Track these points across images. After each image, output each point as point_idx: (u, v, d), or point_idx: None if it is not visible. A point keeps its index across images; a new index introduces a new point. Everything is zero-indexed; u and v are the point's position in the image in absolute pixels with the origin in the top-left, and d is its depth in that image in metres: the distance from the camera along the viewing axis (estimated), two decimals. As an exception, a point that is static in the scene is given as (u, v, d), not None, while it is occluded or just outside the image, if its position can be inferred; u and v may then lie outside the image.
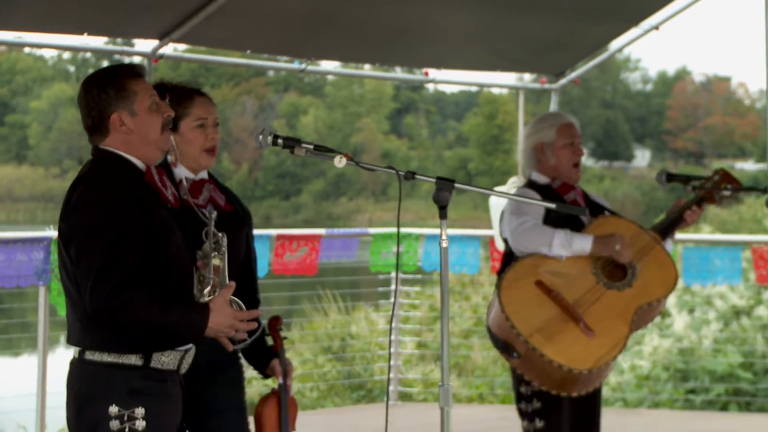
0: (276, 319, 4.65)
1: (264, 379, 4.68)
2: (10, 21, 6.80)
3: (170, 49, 7.49)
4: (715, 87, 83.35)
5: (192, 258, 3.94)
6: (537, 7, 7.56)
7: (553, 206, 4.06)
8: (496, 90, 64.96)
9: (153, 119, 3.82)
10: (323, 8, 7.11)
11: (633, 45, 8.59)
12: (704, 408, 11.36)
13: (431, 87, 39.28)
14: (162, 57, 7.49)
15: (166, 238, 3.77)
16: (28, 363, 10.27)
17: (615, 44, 8.57)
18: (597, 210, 5.38)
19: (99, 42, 7.59)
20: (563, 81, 8.83)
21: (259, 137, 3.91)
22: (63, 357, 4.09)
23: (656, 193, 54.40)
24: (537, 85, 9.01)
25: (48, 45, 7.83)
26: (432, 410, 9.19)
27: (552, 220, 5.13)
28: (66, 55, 75.54)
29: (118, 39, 7.67)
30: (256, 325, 3.88)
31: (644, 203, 55.50)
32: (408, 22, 7.60)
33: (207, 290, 3.88)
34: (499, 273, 5.20)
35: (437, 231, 3.62)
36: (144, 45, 7.44)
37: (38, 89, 71.74)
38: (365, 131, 70.37)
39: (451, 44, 8.19)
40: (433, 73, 8.82)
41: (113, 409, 3.63)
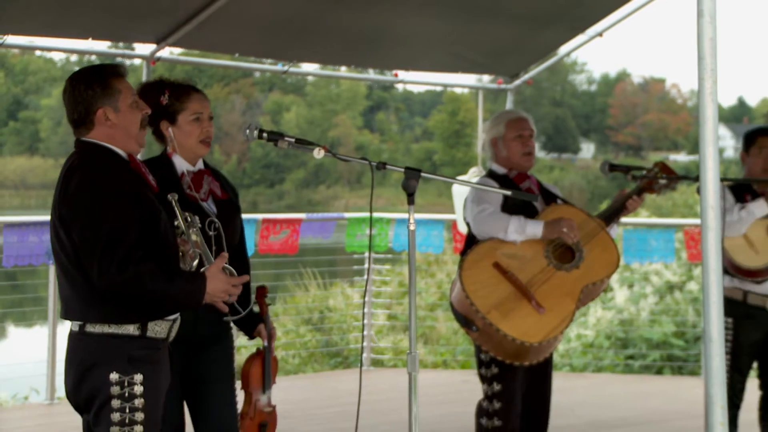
0: (262, 288, 4.67)
1: (250, 341, 4.67)
2: (24, 27, 6.78)
3: (166, 53, 7.45)
4: (652, 87, 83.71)
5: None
6: (494, 16, 7.57)
7: (509, 193, 4.13)
8: (458, 89, 65.13)
9: (134, 115, 3.79)
10: (304, 16, 7.09)
11: (579, 50, 8.60)
12: (641, 372, 11.43)
13: (400, 87, 39.36)
14: (159, 59, 7.45)
15: (156, 219, 3.76)
16: (40, 333, 10.23)
17: (563, 49, 8.57)
18: (550, 198, 5.38)
19: (103, 46, 7.56)
20: (517, 82, 8.83)
21: (247, 131, 3.89)
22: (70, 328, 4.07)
23: (600, 182, 54.64)
24: (494, 86, 9.01)
25: (57, 48, 7.81)
26: (401, 375, 9.20)
27: (509, 207, 5.13)
28: (73, 58, 74.62)
29: (120, 43, 7.60)
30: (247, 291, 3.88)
31: (589, 191, 55.72)
32: (379, 29, 7.60)
33: (195, 263, 3.88)
34: (462, 254, 5.21)
35: (406, 215, 3.61)
36: (143, 48, 7.41)
37: (48, 88, 71.40)
38: (341, 126, 70.40)
39: (418, 49, 8.18)
40: (402, 75, 8.82)
41: (114, 376, 3.61)
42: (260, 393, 4.63)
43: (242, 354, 8.94)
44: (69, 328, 3.76)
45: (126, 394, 3.63)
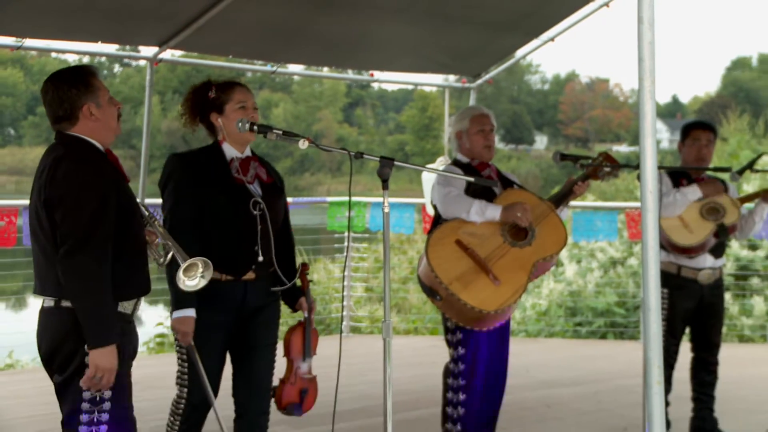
0: (304, 266, 4.62)
1: (293, 313, 4.65)
2: (40, 31, 6.74)
3: (168, 55, 7.41)
4: (597, 87, 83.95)
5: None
6: (459, 23, 7.57)
7: (472, 179, 4.15)
8: (427, 88, 64.66)
9: (112, 110, 3.78)
10: (290, 23, 7.07)
11: (534, 53, 8.55)
12: (588, 337, 11.46)
13: (376, 86, 39.08)
14: (161, 61, 7.42)
15: (133, 205, 3.78)
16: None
17: (520, 52, 8.57)
18: (507, 183, 5.39)
19: (111, 48, 7.48)
20: (479, 81, 8.83)
21: (239, 125, 3.88)
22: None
23: (552, 170, 54.69)
24: (459, 85, 9.00)
25: (70, 50, 7.74)
26: (377, 341, 9.21)
27: (472, 191, 5.14)
28: (85, 59, 74.48)
29: (126, 46, 7.53)
30: None
31: (542, 178, 55.77)
32: (357, 34, 7.58)
33: (168, 257, 3.86)
34: (428, 233, 5.22)
35: (381, 199, 3.61)
36: (147, 51, 7.37)
37: (62, 86, 70.75)
38: (324, 121, 70.28)
39: (392, 51, 8.17)
40: (378, 74, 8.80)
41: (87, 346, 3.56)
42: (301, 361, 4.58)
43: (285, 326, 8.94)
44: (42, 304, 3.70)
45: None
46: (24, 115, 67.85)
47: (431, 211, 5.45)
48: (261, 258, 4.31)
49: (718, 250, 6.07)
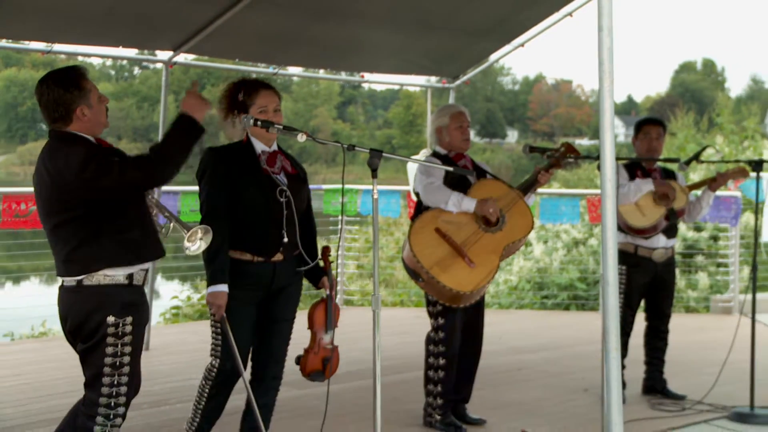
0: (326, 248, 4.57)
1: (317, 290, 4.61)
2: (68, 37, 6.71)
3: (181, 58, 7.37)
4: (562, 87, 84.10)
5: None
6: (440, 30, 7.58)
7: (451, 169, 4.17)
8: (412, 88, 64.56)
9: (102, 107, 3.72)
10: (290, 30, 7.05)
11: (506, 57, 8.58)
12: (553, 309, 11.50)
13: (366, 86, 38.97)
14: (175, 64, 7.38)
15: None
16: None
17: (493, 56, 8.56)
18: (481, 172, 5.38)
19: (131, 52, 7.44)
20: (458, 82, 8.80)
21: (244, 120, 3.86)
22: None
23: (522, 161, 54.76)
24: (440, 85, 8.97)
25: (95, 54, 7.72)
26: (367, 312, 9.21)
27: (450, 180, 5.13)
28: (108, 62, 74.56)
29: (144, 50, 7.50)
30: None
31: (513, 168, 55.80)
32: (350, 40, 7.56)
33: (171, 226, 3.86)
34: (412, 219, 5.21)
35: (370, 187, 3.59)
36: (163, 55, 7.33)
37: (88, 86, 70.39)
38: (320, 117, 70.11)
39: (380, 55, 8.15)
40: (368, 76, 8.76)
41: (111, 319, 3.57)
42: (323, 333, 4.53)
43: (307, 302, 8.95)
44: (62, 284, 3.67)
45: (119, 333, 3.60)
46: (54, 112, 67.54)
47: (416, 198, 5.44)
48: (286, 239, 4.29)
49: (671, 232, 6.08)
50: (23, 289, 14.93)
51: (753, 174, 5.92)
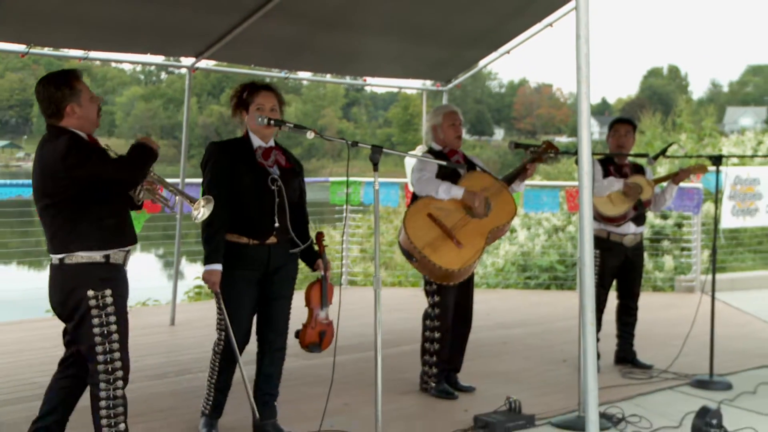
0: (320, 234, 4.58)
1: (313, 272, 4.59)
2: (102, 45, 6.69)
3: (203, 64, 7.35)
4: (543, 90, 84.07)
5: None
6: (434, 39, 7.57)
7: (444, 163, 4.23)
8: (409, 91, 64.32)
9: (92, 106, 3.69)
10: (300, 39, 7.03)
11: (493, 63, 8.53)
12: (535, 288, 11.49)
13: (368, 89, 39.07)
14: (197, 69, 7.37)
15: None
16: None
17: (482, 62, 8.53)
18: (472, 165, 5.36)
19: (158, 59, 7.40)
20: (450, 85, 8.79)
21: (260, 119, 3.85)
22: (137, 258, 4.04)
23: (507, 156, 54.58)
24: (434, 88, 8.96)
25: (126, 60, 7.67)
26: (369, 291, 9.21)
27: (443, 173, 5.12)
28: (138, 68, 74.50)
29: (170, 57, 7.47)
30: None
31: (500, 162, 55.66)
32: (354, 48, 7.54)
33: (177, 198, 3.90)
34: (408, 207, 5.21)
35: (372, 179, 3.59)
36: (186, 61, 7.30)
37: (121, 89, 70.82)
38: (327, 117, 70.14)
39: (381, 62, 8.13)
40: (370, 80, 8.75)
41: (90, 293, 3.56)
42: (319, 309, 4.52)
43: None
44: (50, 262, 3.66)
45: (101, 305, 3.58)
46: (91, 113, 68.02)
47: (412, 189, 5.42)
48: (277, 224, 4.28)
49: (640, 220, 6.08)
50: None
51: (713, 168, 5.91)
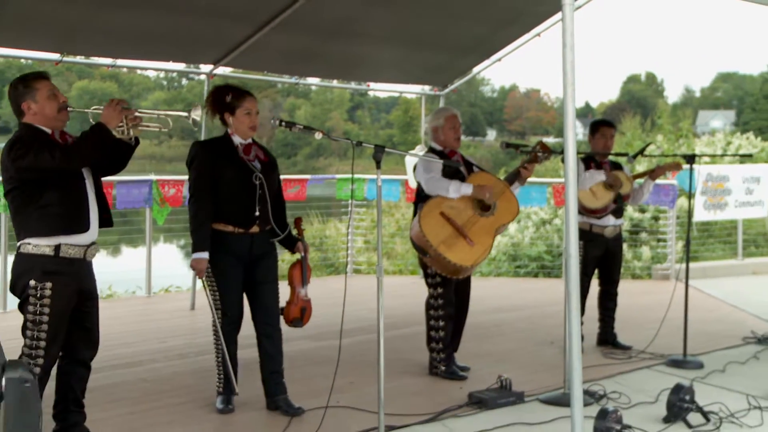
0: (298, 219, 4.63)
1: (292, 255, 4.60)
2: (129, 53, 6.71)
3: (220, 70, 7.34)
4: (532, 95, 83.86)
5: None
6: (432, 47, 7.56)
7: (443, 162, 4.20)
8: (409, 95, 64.25)
9: (51, 103, 3.61)
10: (309, 47, 7.02)
11: (486, 70, 8.53)
12: (525, 276, 11.47)
13: (371, 93, 38.97)
14: (215, 75, 7.35)
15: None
16: (141, 252, 10.16)
17: (476, 69, 8.50)
18: (469, 166, 5.33)
19: (179, 66, 7.39)
20: (446, 90, 8.78)
21: (272, 122, 3.83)
22: (161, 248, 4.04)
23: (499, 156, 54.42)
24: (432, 92, 8.94)
25: (150, 67, 7.73)
26: (372, 279, 9.22)
27: (445, 173, 5.09)
28: (161, 74, 74.40)
29: (191, 64, 7.47)
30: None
31: (492, 161, 55.57)
32: (358, 56, 7.53)
33: (168, 119, 3.87)
34: (414, 203, 5.19)
35: (375, 176, 3.59)
36: (205, 68, 7.30)
37: (145, 94, 70.57)
38: (334, 119, 69.90)
39: (383, 68, 8.11)
40: (373, 85, 8.76)
41: (32, 282, 3.53)
42: (300, 287, 4.58)
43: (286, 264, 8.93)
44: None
45: (38, 295, 3.54)
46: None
47: (413, 185, 5.40)
48: (257, 213, 4.28)
49: (619, 213, 6.06)
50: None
51: (686, 166, 5.89)
